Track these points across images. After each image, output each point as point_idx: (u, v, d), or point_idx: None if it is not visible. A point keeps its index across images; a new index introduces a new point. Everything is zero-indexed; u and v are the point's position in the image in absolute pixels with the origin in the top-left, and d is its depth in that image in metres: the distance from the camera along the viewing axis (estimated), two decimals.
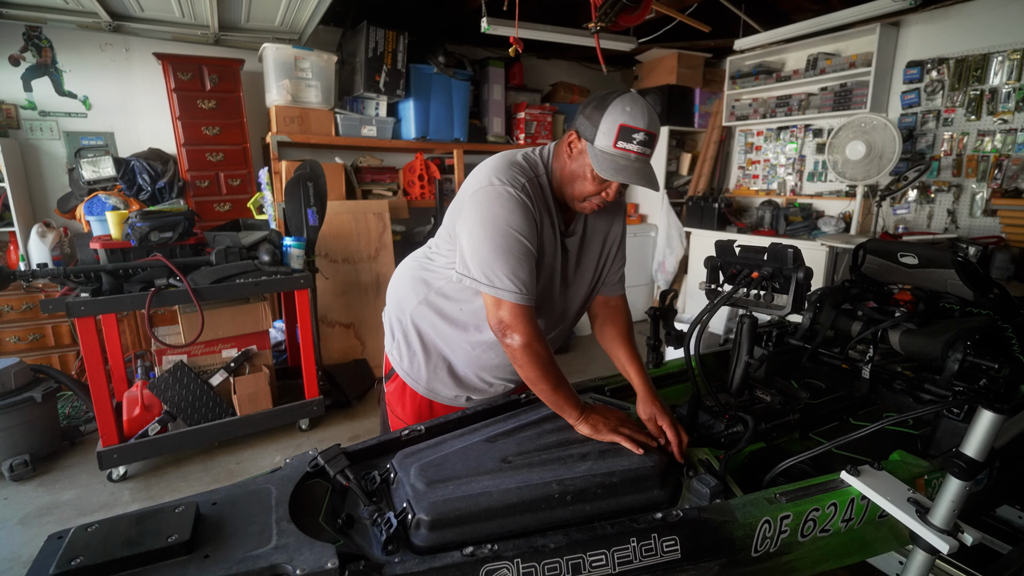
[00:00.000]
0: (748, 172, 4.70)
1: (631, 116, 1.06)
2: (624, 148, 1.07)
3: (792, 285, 1.24)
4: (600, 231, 1.32)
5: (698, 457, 1.19)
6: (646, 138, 1.07)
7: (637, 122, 1.06)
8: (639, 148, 1.07)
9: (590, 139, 1.10)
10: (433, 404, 1.42)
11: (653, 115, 1.10)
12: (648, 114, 1.08)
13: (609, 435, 1.12)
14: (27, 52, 3.17)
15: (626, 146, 1.07)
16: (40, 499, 2.37)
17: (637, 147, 1.07)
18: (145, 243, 2.43)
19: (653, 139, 1.09)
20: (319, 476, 1.06)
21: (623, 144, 1.06)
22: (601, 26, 2.31)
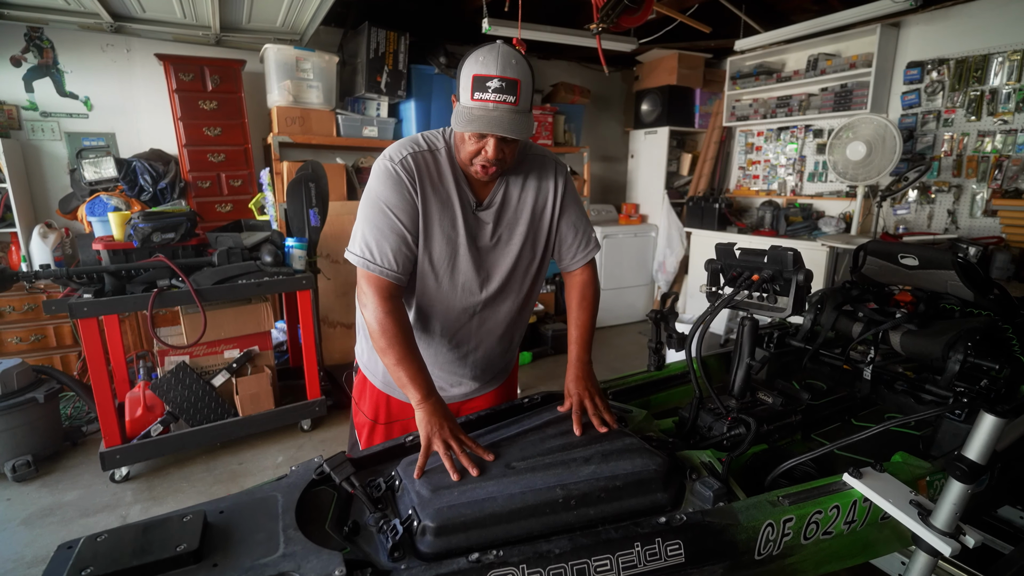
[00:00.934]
0: (748, 172, 4.71)
1: (483, 64, 1.01)
2: (480, 99, 1.02)
3: (792, 287, 1.24)
4: (527, 201, 1.25)
5: (701, 460, 1.20)
6: (501, 84, 1.01)
7: (489, 69, 1.01)
8: (495, 96, 1.01)
9: (458, 98, 1.08)
10: (391, 400, 1.42)
11: (511, 60, 1.02)
12: (502, 59, 1.01)
13: (426, 438, 1.07)
14: (28, 53, 3.17)
15: (481, 96, 1.02)
16: (43, 500, 2.38)
17: (492, 95, 1.01)
18: (148, 244, 2.43)
19: (512, 84, 1.02)
20: (325, 483, 1.06)
21: (479, 95, 1.02)
22: (603, 27, 2.32)
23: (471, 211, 1.21)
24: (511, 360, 1.52)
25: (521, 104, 1.05)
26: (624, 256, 4.89)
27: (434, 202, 1.17)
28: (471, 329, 1.32)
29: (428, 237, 1.18)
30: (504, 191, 1.23)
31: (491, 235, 1.24)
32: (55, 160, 3.33)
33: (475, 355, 1.37)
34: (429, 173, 1.17)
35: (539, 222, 1.28)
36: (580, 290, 1.38)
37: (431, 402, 1.11)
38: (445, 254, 1.20)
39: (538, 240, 1.29)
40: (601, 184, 5.49)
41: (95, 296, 2.26)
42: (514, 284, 1.31)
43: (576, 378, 1.28)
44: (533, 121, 1.08)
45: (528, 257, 1.29)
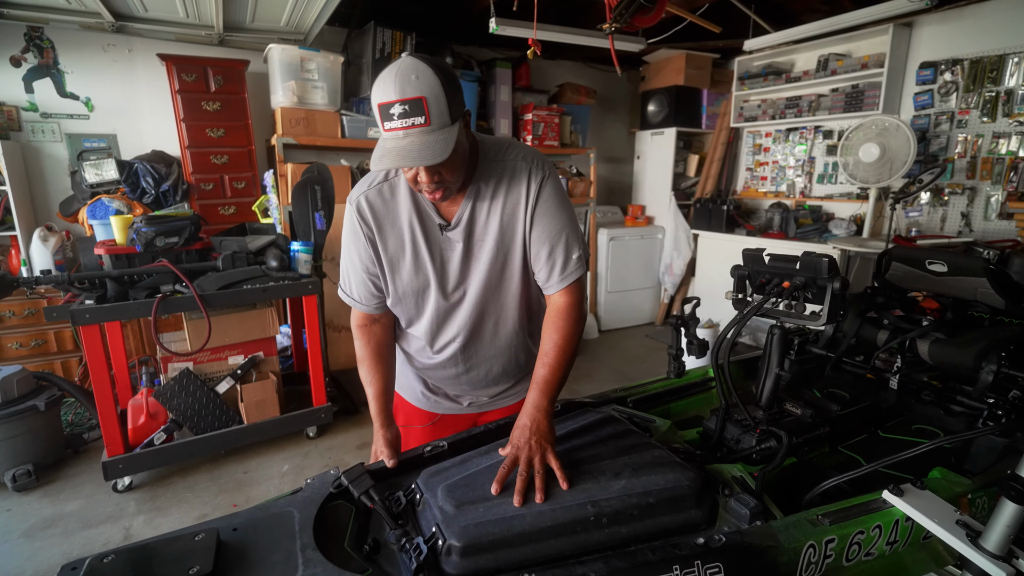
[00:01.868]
0: (756, 174, 4.67)
1: (382, 90, 0.92)
2: (390, 128, 0.93)
3: (828, 296, 1.20)
4: (495, 214, 1.11)
5: (732, 474, 1.15)
6: (404, 108, 0.90)
7: (388, 94, 0.90)
8: (401, 122, 0.91)
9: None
10: (404, 402, 1.41)
11: (411, 77, 0.90)
12: (400, 79, 0.90)
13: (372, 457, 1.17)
14: (28, 53, 3.12)
15: (390, 125, 0.92)
16: (44, 510, 2.32)
17: (399, 122, 0.91)
18: (151, 248, 2.38)
19: (417, 104, 0.90)
20: (342, 497, 1.02)
21: (388, 124, 0.93)
22: (616, 27, 2.27)
23: (439, 234, 1.13)
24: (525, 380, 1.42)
25: (434, 121, 0.92)
26: (630, 258, 4.85)
27: (393, 237, 1.14)
28: (458, 352, 1.26)
29: (395, 270, 1.16)
30: (472, 206, 1.11)
31: (462, 255, 1.14)
32: (56, 162, 3.28)
33: (472, 374, 1.31)
34: (387, 207, 1.13)
35: (510, 235, 1.12)
36: (553, 319, 1.14)
37: (374, 423, 1.18)
38: (416, 283, 1.17)
39: (511, 256, 1.14)
40: (607, 185, 5.45)
41: (97, 302, 2.21)
42: (493, 305, 1.20)
43: (522, 426, 1.03)
44: (454, 134, 0.96)
45: (499, 274, 1.16)
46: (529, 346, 1.36)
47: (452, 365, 1.28)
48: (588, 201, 4.62)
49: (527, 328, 1.31)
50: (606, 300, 4.83)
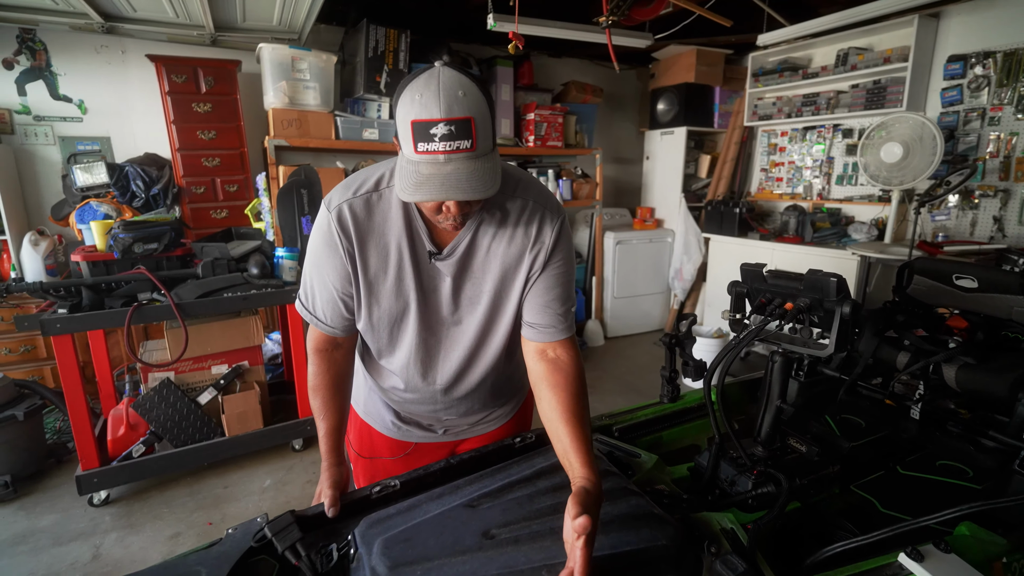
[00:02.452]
0: (771, 175, 4.45)
1: (422, 105, 0.78)
2: (426, 151, 0.79)
3: (836, 320, 1.04)
4: (496, 256, 1.00)
5: (721, 525, 1.00)
6: (450, 129, 0.78)
7: (431, 111, 0.77)
8: (444, 145, 0.78)
9: (400, 146, 0.86)
10: (372, 432, 1.26)
11: (458, 93, 0.78)
12: (446, 94, 0.77)
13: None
14: (21, 55, 3.08)
15: (427, 147, 0.79)
16: (18, 524, 2.26)
17: (441, 144, 0.78)
18: (129, 255, 2.30)
19: (465, 125, 0.78)
20: (266, 551, 0.89)
21: (423, 146, 0.79)
22: (613, 20, 2.12)
23: (427, 261, 0.99)
24: (509, 404, 1.28)
25: (480, 146, 0.80)
26: (639, 262, 4.68)
27: (375, 255, 0.98)
28: (437, 393, 1.12)
29: (371, 295, 1.01)
30: (472, 237, 0.98)
31: (451, 288, 1.01)
32: (49, 165, 3.25)
33: (449, 411, 1.19)
34: (372, 221, 0.97)
35: (510, 279, 1.01)
36: (567, 376, 0.98)
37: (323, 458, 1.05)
38: (393, 312, 1.03)
39: (506, 300, 1.03)
40: (615, 187, 5.28)
41: (71, 311, 2.13)
42: (480, 347, 1.08)
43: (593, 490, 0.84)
44: (499, 163, 0.87)
45: (491, 317, 1.05)
46: (514, 379, 1.23)
47: (428, 403, 1.16)
48: (594, 203, 4.46)
49: (510, 364, 1.16)
50: (612, 306, 4.66)
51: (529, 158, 4.35)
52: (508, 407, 1.27)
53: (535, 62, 4.39)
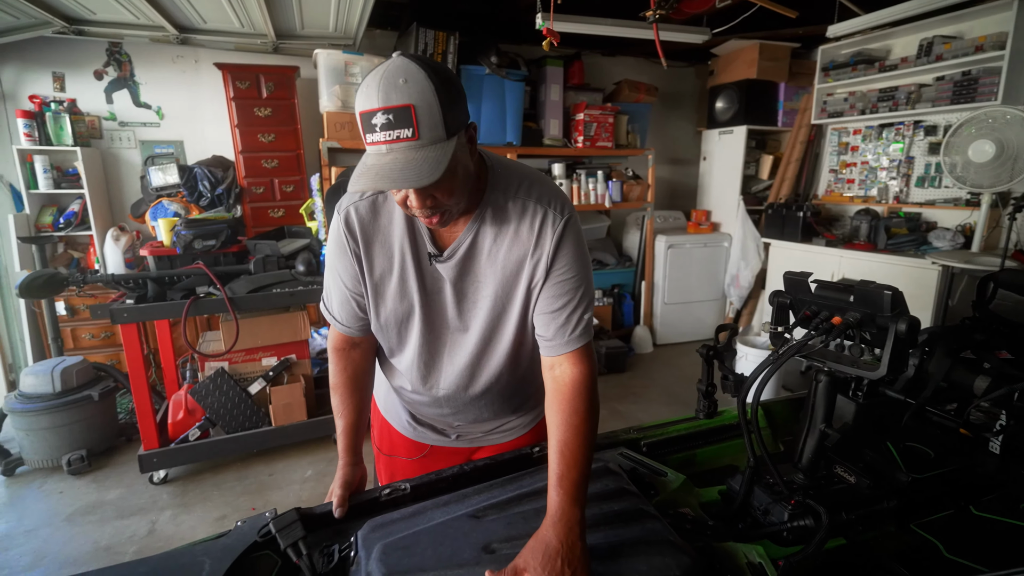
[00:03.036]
0: (841, 176, 4.13)
1: (366, 96, 0.76)
2: (372, 141, 0.77)
3: (890, 339, 0.92)
4: (496, 260, 0.96)
5: (748, 558, 0.91)
6: (387, 118, 0.74)
7: (371, 101, 0.75)
8: (384, 135, 0.75)
9: None
10: (392, 430, 1.26)
11: (398, 80, 0.74)
12: (385, 82, 0.74)
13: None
14: (109, 67, 3.38)
15: (372, 138, 0.77)
16: (89, 496, 2.46)
17: (382, 134, 0.76)
18: (189, 250, 2.46)
19: (404, 113, 0.74)
20: (269, 547, 0.90)
21: (369, 137, 0.77)
22: (660, 14, 2.02)
23: (428, 262, 0.97)
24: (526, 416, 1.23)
25: (424, 134, 0.76)
26: (693, 267, 4.48)
27: (381, 258, 0.98)
28: (442, 398, 1.10)
29: (378, 296, 1.01)
30: (472, 239, 0.95)
31: (452, 292, 0.99)
32: (130, 167, 3.54)
33: (458, 416, 1.16)
34: (378, 222, 0.97)
35: (511, 283, 0.97)
36: (567, 398, 0.92)
37: (339, 455, 1.09)
38: (399, 313, 1.02)
39: (510, 306, 0.99)
40: (669, 189, 5.09)
41: (137, 302, 2.30)
42: (484, 353, 1.03)
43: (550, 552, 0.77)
44: (449, 152, 0.78)
45: (494, 323, 1.00)
46: (523, 390, 1.18)
47: (437, 406, 1.14)
48: (645, 205, 4.32)
49: (516, 373, 1.11)
50: (663, 312, 4.49)
51: (578, 159, 4.27)
52: (525, 419, 1.22)
53: (587, 61, 4.31)
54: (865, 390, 1.49)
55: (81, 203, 3.29)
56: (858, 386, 1.49)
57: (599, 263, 4.46)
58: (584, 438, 0.89)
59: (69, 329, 3.29)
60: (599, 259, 4.47)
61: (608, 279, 4.45)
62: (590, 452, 0.90)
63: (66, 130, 3.19)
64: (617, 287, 4.49)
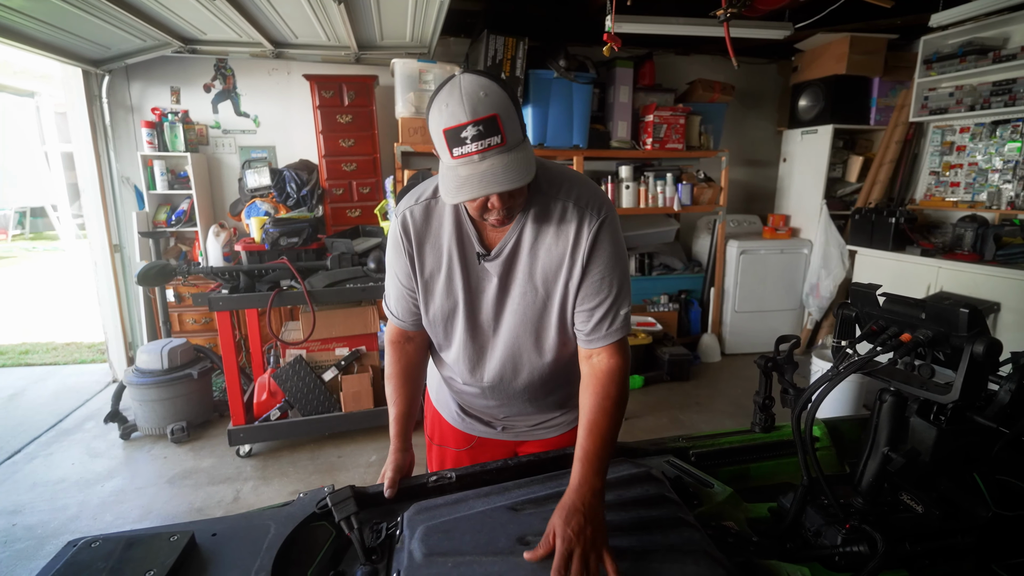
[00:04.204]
0: (944, 179, 3.74)
1: (450, 113, 0.83)
2: (461, 154, 0.84)
3: (964, 361, 0.85)
4: (539, 258, 1.02)
5: None
6: (478, 129, 0.82)
7: (458, 116, 0.82)
8: (476, 145, 0.83)
9: (439, 154, 0.90)
10: (443, 421, 1.34)
11: (479, 94, 0.82)
12: (468, 99, 0.82)
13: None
14: (216, 80, 3.77)
15: (461, 151, 0.84)
16: (187, 463, 2.77)
17: (473, 145, 0.83)
18: (276, 247, 2.70)
19: (492, 123, 0.82)
20: (326, 518, 0.99)
21: (458, 150, 0.84)
22: (732, 12, 1.96)
23: (476, 262, 1.04)
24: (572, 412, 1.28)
25: (510, 139, 0.85)
26: (768, 275, 4.25)
27: (431, 257, 1.06)
28: (487, 389, 1.16)
29: (427, 293, 1.09)
30: (516, 239, 1.02)
31: (496, 289, 1.05)
32: (230, 170, 3.92)
33: (504, 409, 1.22)
34: (429, 225, 1.05)
35: (552, 280, 1.03)
36: (601, 383, 1.00)
37: (391, 442, 1.15)
38: (445, 308, 1.09)
39: (551, 302, 1.05)
40: (745, 192, 4.85)
41: (231, 292, 2.56)
42: (527, 348, 1.09)
43: (571, 510, 0.84)
44: (531, 151, 0.90)
45: (536, 319, 1.06)
46: (564, 387, 1.22)
47: (483, 398, 1.21)
48: (717, 209, 4.15)
49: (559, 368, 1.16)
50: (732, 320, 4.29)
51: (647, 161, 4.19)
52: (568, 417, 1.26)
53: (660, 61, 4.22)
54: (949, 415, 1.37)
55: (189, 202, 3.70)
56: (941, 410, 1.38)
57: (666, 268, 4.35)
58: (612, 420, 0.98)
59: (176, 314, 3.71)
60: (666, 263, 4.35)
61: (675, 284, 4.33)
62: (616, 433, 0.99)
63: (179, 138, 3.60)
64: (684, 293, 4.35)
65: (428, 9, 2.82)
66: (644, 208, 3.98)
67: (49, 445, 2.99)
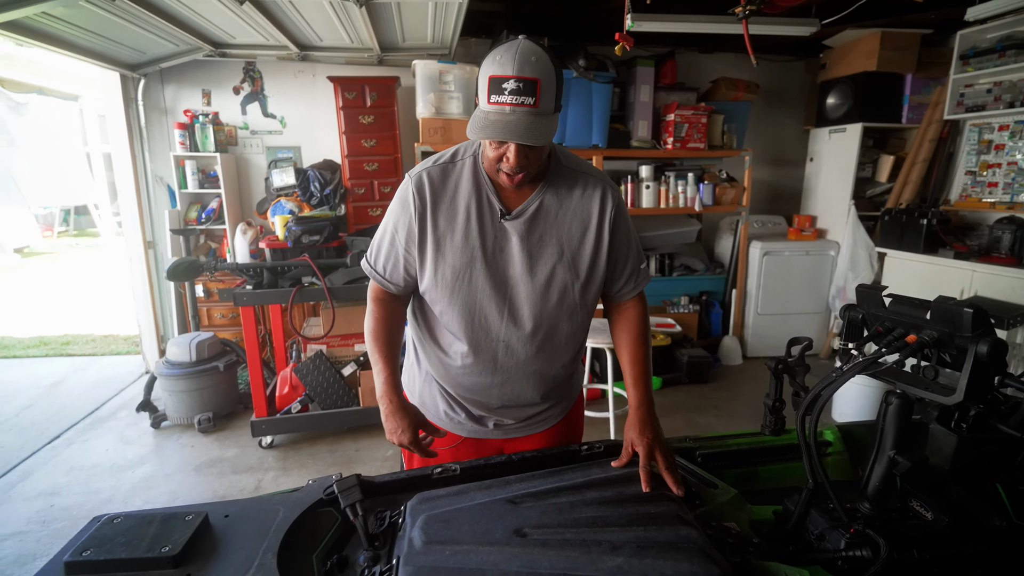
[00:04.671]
0: (981, 179, 3.60)
1: (499, 64, 0.94)
2: (496, 102, 0.94)
3: (968, 362, 0.83)
4: (566, 217, 1.13)
5: None
6: (518, 85, 0.92)
7: (505, 69, 0.93)
8: (512, 99, 0.93)
9: (478, 101, 1.01)
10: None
11: (531, 58, 0.93)
12: (520, 57, 0.92)
13: (388, 436, 1.12)
14: (245, 83, 3.89)
15: (497, 99, 0.94)
16: (212, 452, 2.87)
17: (509, 98, 0.93)
18: (298, 244, 2.77)
19: (532, 85, 0.93)
20: (333, 505, 1.03)
21: (495, 98, 0.94)
22: (751, 10, 1.93)
23: (497, 219, 1.11)
24: (564, 401, 1.32)
25: (542, 106, 0.95)
26: (793, 277, 4.16)
27: (445, 215, 1.11)
28: (495, 355, 1.16)
29: (438, 251, 1.11)
30: (541, 202, 1.12)
31: (519, 247, 1.11)
32: (257, 170, 4.04)
33: (505, 389, 1.21)
34: (445, 186, 1.11)
35: (579, 242, 1.14)
36: (635, 324, 1.24)
37: (387, 400, 1.12)
38: (457, 267, 1.11)
39: (578, 263, 1.14)
40: (769, 192, 4.76)
41: (254, 288, 2.65)
42: (544, 308, 1.14)
43: (642, 424, 1.10)
44: (555, 125, 1.01)
45: (563, 279, 1.13)
46: (573, 368, 1.28)
47: (487, 373, 1.19)
48: (739, 209, 4.08)
49: (566, 346, 1.21)
50: (755, 323, 4.21)
51: (668, 161, 4.14)
52: (560, 407, 1.30)
53: (683, 60, 4.17)
54: (971, 422, 1.34)
55: (219, 201, 3.83)
56: (962, 417, 1.34)
57: (687, 268, 4.30)
58: (648, 349, 1.22)
59: (205, 309, 3.85)
60: (686, 264, 4.30)
61: (696, 285, 4.27)
62: (651, 358, 1.22)
63: (210, 138, 3.73)
64: (705, 294, 4.29)
65: (448, 11, 2.86)
66: (664, 208, 3.94)
67: (86, 432, 3.14)
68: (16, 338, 4.96)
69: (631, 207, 3.89)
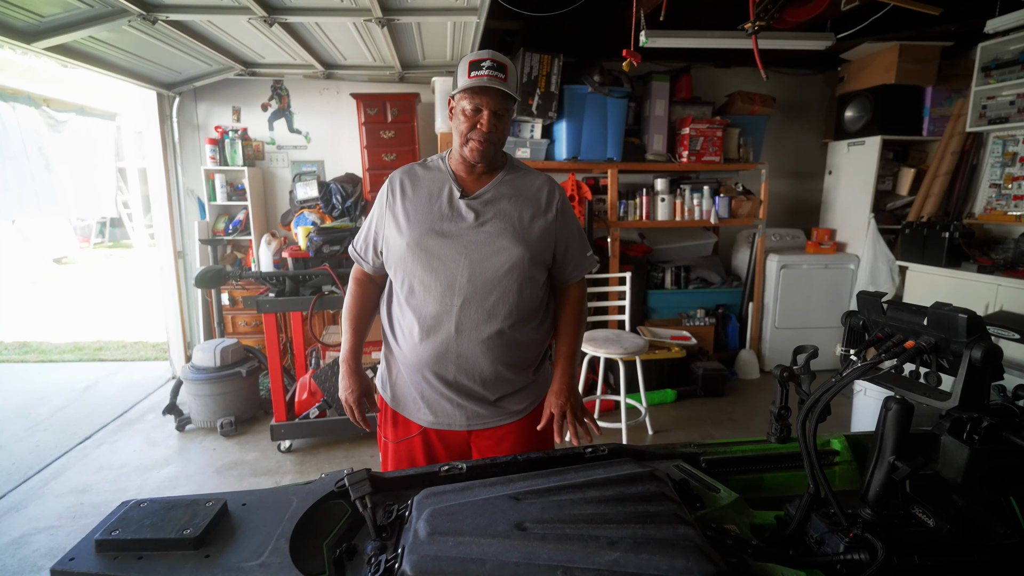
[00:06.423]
0: (1007, 191, 3.53)
1: (477, 55, 1.25)
2: (476, 75, 1.22)
3: (963, 367, 0.84)
4: (516, 203, 1.34)
5: None
6: (493, 64, 1.23)
7: (482, 56, 1.24)
8: (489, 72, 1.22)
9: (456, 87, 1.28)
10: (397, 416, 1.46)
11: (499, 55, 1.26)
12: (491, 53, 1.25)
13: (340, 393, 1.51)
14: (272, 100, 4.06)
15: (477, 73, 1.22)
16: (233, 455, 2.96)
17: (487, 71, 1.22)
18: (319, 254, 2.87)
19: (502, 67, 1.24)
20: (344, 497, 1.07)
21: (475, 73, 1.23)
22: (760, 25, 1.96)
23: (456, 200, 1.32)
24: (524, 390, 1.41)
25: (509, 83, 1.25)
26: (812, 291, 4.11)
27: (412, 199, 1.34)
28: (451, 316, 1.29)
29: (401, 224, 1.32)
30: (495, 188, 1.35)
31: (474, 221, 1.31)
32: (282, 183, 4.19)
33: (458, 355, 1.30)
34: (416, 179, 1.37)
35: (529, 222, 1.33)
36: (574, 305, 1.46)
37: (347, 365, 1.49)
38: (418, 234, 1.30)
39: (527, 237, 1.32)
40: (788, 205, 4.72)
41: (277, 296, 2.74)
42: (495, 275, 1.29)
43: (559, 391, 1.35)
44: (515, 102, 1.32)
45: (512, 250, 1.30)
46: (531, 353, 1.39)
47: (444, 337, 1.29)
48: (756, 223, 4.07)
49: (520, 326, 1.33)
50: (772, 337, 4.16)
51: (684, 174, 4.16)
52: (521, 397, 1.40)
53: (698, 74, 4.21)
54: (983, 434, 1.32)
55: (245, 213, 3.98)
56: (974, 429, 1.33)
57: (703, 281, 4.28)
58: (581, 328, 1.46)
59: (230, 316, 3.98)
60: (703, 277, 4.29)
61: (712, 298, 4.25)
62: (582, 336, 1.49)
63: (238, 153, 3.89)
64: (722, 307, 4.26)
65: (466, 29, 2.96)
66: (680, 221, 3.96)
67: (115, 433, 3.26)
68: (52, 343, 5.19)
69: (646, 219, 3.92)
